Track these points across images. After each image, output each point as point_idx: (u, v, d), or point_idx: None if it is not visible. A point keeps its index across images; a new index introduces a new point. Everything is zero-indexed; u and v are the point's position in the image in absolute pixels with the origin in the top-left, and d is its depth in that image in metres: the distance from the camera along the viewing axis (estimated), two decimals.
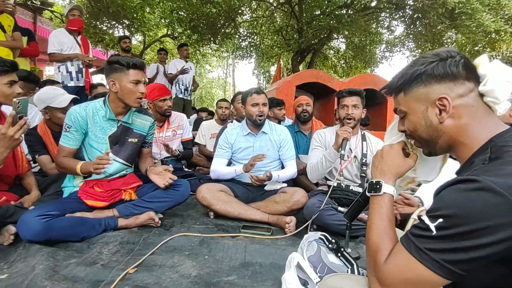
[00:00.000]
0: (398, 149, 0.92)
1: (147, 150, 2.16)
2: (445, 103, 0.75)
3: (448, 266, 0.61)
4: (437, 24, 6.61)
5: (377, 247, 0.73)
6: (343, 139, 2.02)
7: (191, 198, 2.36)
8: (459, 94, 0.75)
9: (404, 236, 0.69)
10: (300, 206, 2.13)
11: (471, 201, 0.59)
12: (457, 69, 0.74)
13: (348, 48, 10.55)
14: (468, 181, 0.61)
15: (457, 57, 0.75)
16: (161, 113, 2.87)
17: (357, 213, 1.14)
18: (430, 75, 0.76)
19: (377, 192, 0.84)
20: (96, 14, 6.89)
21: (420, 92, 0.79)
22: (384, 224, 0.77)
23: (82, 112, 1.86)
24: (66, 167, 1.84)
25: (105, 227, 1.79)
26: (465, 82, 0.75)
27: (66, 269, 1.37)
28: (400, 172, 0.90)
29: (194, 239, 1.79)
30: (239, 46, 10.20)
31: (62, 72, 3.63)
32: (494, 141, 0.71)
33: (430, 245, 0.62)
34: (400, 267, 0.66)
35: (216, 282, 1.37)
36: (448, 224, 0.61)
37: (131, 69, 1.83)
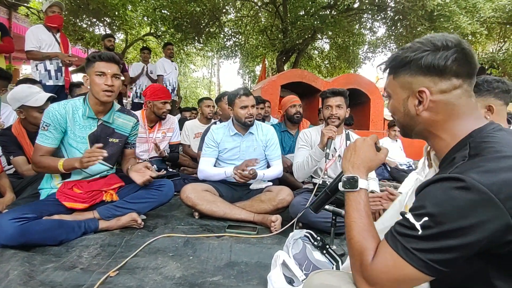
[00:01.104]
0: (370, 143, 0.91)
1: (129, 151, 2.10)
2: (423, 96, 0.75)
3: (435, 265, 0.61)
4: (417, 25, 6.79)
5: (361, 247, 0.72)
6: (328, 138, 2.04)
7: (175, 199, 2.32)
8: (442, 90, 0.73)
9: (389, 234, 0.68)
10: (285, 204, 2.13)
11: (455, 200, 0.59)
12: (445, 63, 0.71)
13: (332, 49, 10.70)
14: (452, 179, 0.61)
15: (450, 51, 0.71)
16: (157, 115, 2.83)
17: (323, 204, 1.14)
18: (417, 65, 0.74)
19: (354, 188, 0.82)
20: (76, 11, 6.68)
21: (405, 80, 0.78)
22: (364, 221, 0.76)
23: (61, 110, 1.79)
24: (45, 166, 1.76)
25: (85, 229, 1.73)
26: (452, 79, 0.72)
27: (42, 274, 1.32)
28: (372, 167, 0.89)
29: (178, 240, 1.75)
30: (223, 46, 10.15)
31: (40, 71, 3.48)
32: (473, 136, 0.70)
33: (417, 245, 0.62)
34: (388, 267, 0.65)
35: (201, 283, 1.34)
36: (433, 222, 0.61)
37: (97, 61, 1.78)
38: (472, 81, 0.75)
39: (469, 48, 0.72)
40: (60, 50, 3.58)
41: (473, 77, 0.74)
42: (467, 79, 0.73)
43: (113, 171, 2.05)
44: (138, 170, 1.88)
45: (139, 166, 1.90)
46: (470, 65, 0.72)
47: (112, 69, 1.79)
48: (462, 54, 0.71)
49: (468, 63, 0.72)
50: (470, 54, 0.72)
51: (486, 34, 7.46)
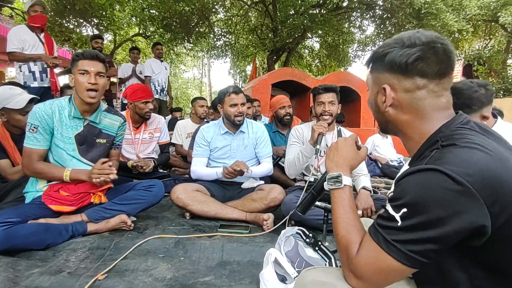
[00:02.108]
0: (351, 143, 0.94)
1: (115, 152, 2.05)
2: (386, 93, 0.75)
3: (415, 256, 0.61)
4: (405, 23, 6.88)
5: (347, 241, 0.73)
6: (318, 134, 2.03)
7: (166, 200, 2.29)
8: (405, 89, 0.73)
9: (372, 226, 0.69)
10: (277, 202, 2.12)
11: (432, 190, 0.59)
12: (407, 61, 0.70)
13: (322, 47, 10.77)
14: (428, 170, 0.61)
15: (414, 49, 0.69)
16: (140, 115, 2.77)
17: (310, 205, 1.16)
18: (384, 62, 0.74)
19: (338, 185, 0.84)
20: (62, 11, 6.57)
21: (375, 76, 0.79)
22: (349, 216, 0.77)
23: (47, 109, 1.74)
24: (45, 173, 1.73)
25: (73, 233, 1.69)
26: (416, 78, 0.71)
27: (27, 280, 1.27)
28: (354, 165, 0.92)
29: (169, 241, 1.72)
30: (214, 45, 10.12)
31: (24, 72, 3.38)
32: (442, 131, 0.70)
33: (397, 236, 0.63)
34: (371, 259, 0.66)
35: (192, 283, 1.32)
36: (411, 213, 0.61)
37: (81, 59, 1.73)
38: (444, 80, 0.72)
39: (444, 46, 0.69)
40: (45, 50, 3.48)
41: (444, 76, 0.72)
42: (434, 79, 0.71)
43: None
44: None
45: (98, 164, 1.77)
46: (440, 64, 0.70)
47: (96, 67, 1.74)
48: (430, 53, 0.69)
49: (437, 63, 0.70)
50: (443, 53, 0.70)
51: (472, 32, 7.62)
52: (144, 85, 3.68)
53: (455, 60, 0.73)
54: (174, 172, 3.47)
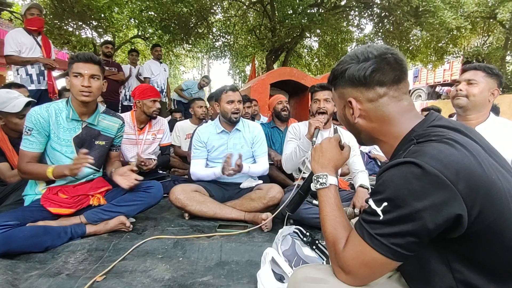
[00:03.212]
0: (335, 143, 0.98)
1: (115, 153, 2.06)
2: (352, 105, 0.80)
3: (398, 249, 0.63)
4: (403, 22, 6.88)
5: (334, 237, 0.75)
6: (315, 128, 2.06)
7: (165, 201, 2.29)
8: (369, 99, 0.78)
9: (357, 222, 0.71)
10: (276, 202, 2.12)
11: (410, 183, 0.61)
12: (365, 74, 0.76)
13: (321, 47, 10.77)
14: (407, 163, 0.63)
15: (369, 62, 0.76)
16: (147, 114, 2.79)
17: (299, 205, 1.20)
18: (344, 77, 0.80)
19: (324, 185, 0.87)
20: (60, 14, 6.55)
21: (339, 91, 0.84)
22: (335, 214, 0.80)
23: (43, 113, 1.74)
24: (33, 173, 1.72)
25: (72, 235, 1.69)
26: (376, 88, 0.77)
27: (26, 282, 1.28)
28: (338, 165, 0.95)
29: (167, 242, 1.73)
30: (212, 46, 10.13)
31: (21, 75, 3.39)
32: (415, 130, 0.74)
33: (380, 230, 0.65)
34: (357, 253, 0.68)
35: (190, 284, 1.32)
36: (392, 207, 0.63)
37: (75, 62, 1.74)
38: (401, 85, 0.77)
39: (394, 56, 0.76)
40: (42, 53, 3.49)
41: (400, 82, 0.77)
42: (392, 85, 0.77)
43: (100, 174, 2.01)
44: (123, 174, 1.84)
45: (124, 169, 1.86)
46: (394, 72, 0.76)
47: (90, 70, 1.74)
48: (384, 64, 0.75)
49: (392, 71, 0.76)
50: (394, 62, 0.76)
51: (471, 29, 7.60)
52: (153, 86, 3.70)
53: (407, 66, 0.80)
54: (173, 173, 3.48)
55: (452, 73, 13.01)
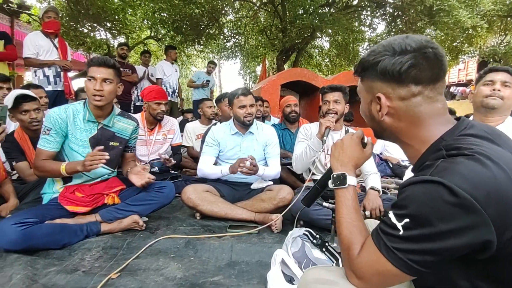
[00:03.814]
0: (357, 141, 0.92)
1: (130, 154, 2.11)
2: (381, 102, 0.74)
3: (415, 266, 0.61)
4: (416, 21, 6.76)
5: (348, 241, 0.74)
6: (326, 127, 2.06)
7: (177, 200, 2.34)
8: (400, 97, 0.72)
9: (374, 230, 0.69)
10: (286, 203, 2.13)
11: (436, 204, 0.58)
12: (401, 69, 0.69)
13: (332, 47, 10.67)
14: (432, 182, 0.59)
15: (407, 56, 0.69)
16: (153, 116, 2.85)
17: (314, 198, 1.17)
18: (376, 70, 0.73)
19: (343, 185, 0.84)
20: (76, 16, 6.72)
21: (368, 84, 0.78)
22: (352, 217, 0.78)
23: (62, 114, 1.81)
24: (48, 170, 1.78)
25: (87, 233, 1.75)
26: (410, 85, 0.70)
27: (45, 278, 1.33)
28: (359, 163, 0.91)
29: (179, 241, 1.76)
30: (223, 47, 10.17)
31: (38, 77, 3.51)
32: (445, 139, 0.69)
33: (398, 244, 0.62)
34: (372, 262, 0.67)
35: (201, 283, 1.35)
36: (414, 224, 0.60)
37: (90, 66, 1.79)
38: (437, 85, 0.71)
39: (435, 51, 0.69)
40: (59, 55, 3.61)
41: (438, 81, 0.71)
42: (429, 84, 0.70)
43: (114, 174, 2.07)
44: (137, 173, 1.89)
45: (138, 169, 1.91)
46: (433, 70, 0.69)
47: (102, 74, 1.78)
48: (423, 59, 0.68)
49: (431, 68, 0.69)
50: (434, 58, 0.69)
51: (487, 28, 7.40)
52: (160, 87, 3.76)
53: (447, 64, 0.73)
54: (185, 173, 3.53)
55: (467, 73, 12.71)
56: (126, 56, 5.46)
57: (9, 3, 7.25)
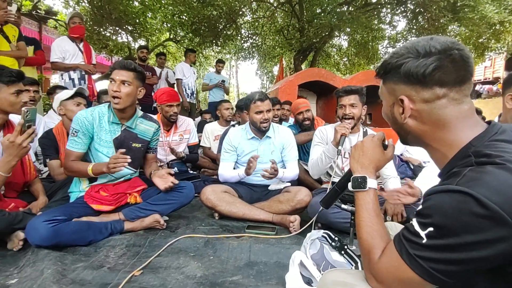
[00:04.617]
0: (378, 143, 0.91)
1: (151, 155, 2.18)
2: (404, 104, 0.73)
3: (437, 274, 0.60)
4: (439, 17, 6.55)
5: (369, 245, 0.74)
6: (341, 135, 2.03)
7: (196, 200, 2.39)
8: (424, 99, 0.70)
9: (397, 236, 0.68)
10: (304, 205, 2.13)
11: (462, 215, 0.56)
12: (425, 72, 0.68)
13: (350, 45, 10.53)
14: (459, 192, 0.57)
15: (431, 58, 0.67)
16: (166, 118, 2.92)
17: (333, 200, 1.16)
18: (399, 73, 0.72)
19: (363, 188, 0.83)
20: (100, 21, 6.96)
21: (390, 87, 0.77)
22: (373, 221, 0.77)
23: (88, 116, 1.89)
24: (76, 170, 1.87)
25: (112, 230, 1.82)
26: (435, 88, 0.69)
27: (73, 273, 1.40)
28: (380, 166, 0.89)
29: (199, 240, 1.80)
30: (241, 48, 10.25)
31: (64, 80, 3.69)
32: (474, 145, 0.66)
33: (421, 252, 0.61)
34: (393, 268, 0.66)
35: (221, 282, 1.38)
36: (438, 234, 0.59)
37: (113, 69, 1.88)
38: (464, 87, 0.69)
39: (461, 53, 0.67)
40: (84, 58, 3.77)
41: (464, 83, 0.69)
42: (454, 86, 0.68)
43: (136, 174, 2.14)
44: (161, 176, 1.95)
45: (162, 172, 1.97)
46: (458, 72, 0.68)
47: (121, 76, 1.85)
48: (448, 61, 0.67)
49: (456, 70, 0.68)
50: (460, 60, 0.67)
51: None
52: (172, 89, 3.85)
53: (473, 65, 0.71)
54: (203, 173, 3.58)
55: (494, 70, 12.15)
56: (146, 58, 5.62)
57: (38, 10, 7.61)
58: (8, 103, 1.75)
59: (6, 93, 1.72)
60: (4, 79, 1.71)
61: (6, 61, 2.97)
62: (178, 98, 3.00)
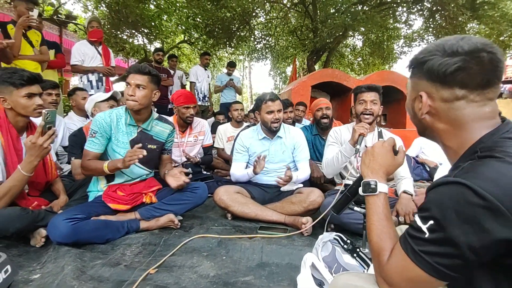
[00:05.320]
0: (389, 148, 0.92)
1: (166, 156, 2.23)
2: (423, 101, 0.74)
3: (443, 269, 0.60)
4: (457, 15, 6.38)
5: (378, 247, 0.74)
6: (359, 135, 2.02)
7: (209, 200, 2.42)
8: (443, 98, 0.71)
9: (402, 235, 0.69)
10: (316, 206, 2.13)
11: (458, 206, 0.58)
12: (446, 71, 0.68)
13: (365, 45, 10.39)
14: (455, 183, 0.59)
15: (456, 59, 0.66)
16: (182, 119, 2.98)
17: (344, 206, 1.16)
18: (422, 69, 0.73)
19: (373, 192, 0.84)
20: (117, 24, 7.16)
21: (414, 81, 0.78)
22: (382, 224, 0.78)
23: (106, 118, 1.96)
24: (93, 169, 1.94)
25: (128, 229, 1.88)
26: (455, 88, 0.68)
27: (92, 270, 1.45)
28: (390, 171, 0.90)
29: (212, 240, 1.83)
30: (254, 49, 10.29)
31: (83, 82, 3.83)
32: (483, 141, 0.67)
33: (424, 247, 0.62)
34: (400, 267, 0.66)
35: (233, 282, 1.40)
36: (438, 227, 0.60)
37: (129, 73, 1.93)
38: (488, 90, 0.68)
39: (491, 56, 0.65)
40: (102, 61, 3.89)
41: (488, 87, 0.68)
42: (476, 89, 0.68)
43: (152, 175, 2.19)
44: (174, 175, 2.00)
45: (175, 171, 2.02)
46: (484, 75, 0.66)
47: (136, 80, 1.90)
48: (473, 64, 0.66)
49: (482, 73, 0.66)
50: (488, 63, 0.65)
51: None
52: (189, 91, 3.93)
53: (503, 69, 0.68)
54: (216, 174, 3.63)
55: None
56: (162, 61, 5.75)
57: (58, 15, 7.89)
58: (20, 106, 1.77)
59: (16, 96, 1.75)
60: (14, 82, 1.74)
61: (29, 64, 3.10)
62: (194, 100, 3.07)
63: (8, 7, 6.69)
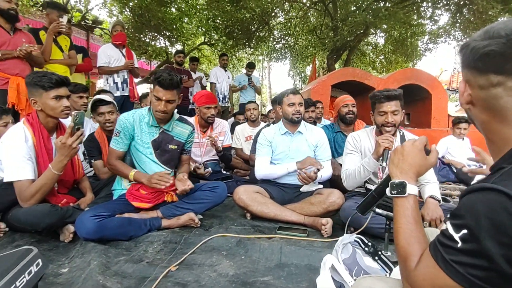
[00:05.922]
0: (420, 147, 0.86)
1: (185, 157, 2.28)
2: (460, 89, 0.70)
3: (476, 281, 0.56)
4: (487, 9, 6.07)
5: (406, 252, 0.71)
6: (384, 149, 1.86)
7: (229, 200, 2.44)
8: (480, 86, 0.65)
9: (432, 242, 0.65)
10: (336, 207, 2.10)
11: (495, 215, 0.52)
12: (478, 55, 0.63)
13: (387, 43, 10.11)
14: (491, 190, 0.54)
15: (490, 41, 0.60)
16: (204, 119, 3.03)
17: (370, 206, 1.12)
18: (464, 55, 0.68)
19: (402, 194, 0.79)
20: (140, 28, 7.38)
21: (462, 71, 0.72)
22: (411, 227, 0.74)
23: (130, 118, 2.03)
24: (119, 171, 2.03)
25: (150, 227, 1.93)
26: (489, 74, 0.62)
27: (116, 265, 1.50)
28: (421, 172, 0.85)
29: (231, 240, 1.85)
30: (273, 49, 10.29)
31: (109, 84, 4.00)
32: None
33: (456, 257, 0.58)
34: (429, 275, 0.63)
35: (252, 282, 1.40)
36: (472, 237, 0.55)
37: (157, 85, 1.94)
38: None
39: None
40: None
41: None
42: None
43: (172, 174, 2.24)
44: (180, 179, 2.02)
45: (181, 176, 2.04)
46: None
47: (167, 96, 1.94)
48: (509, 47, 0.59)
49: None
50: None
51: None
52: (210, 92, 4.00)
53: None
54: (236, 174, 3.66)
55: None
56: (183, 62, 5.88)
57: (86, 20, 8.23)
58: (49, 108, 1.85)
59: (46, 98, 1.83)
60: (44, 85, 1.82)
61: (59, 68, 3.26)
62: (216, 100, 3.12)
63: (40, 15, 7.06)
